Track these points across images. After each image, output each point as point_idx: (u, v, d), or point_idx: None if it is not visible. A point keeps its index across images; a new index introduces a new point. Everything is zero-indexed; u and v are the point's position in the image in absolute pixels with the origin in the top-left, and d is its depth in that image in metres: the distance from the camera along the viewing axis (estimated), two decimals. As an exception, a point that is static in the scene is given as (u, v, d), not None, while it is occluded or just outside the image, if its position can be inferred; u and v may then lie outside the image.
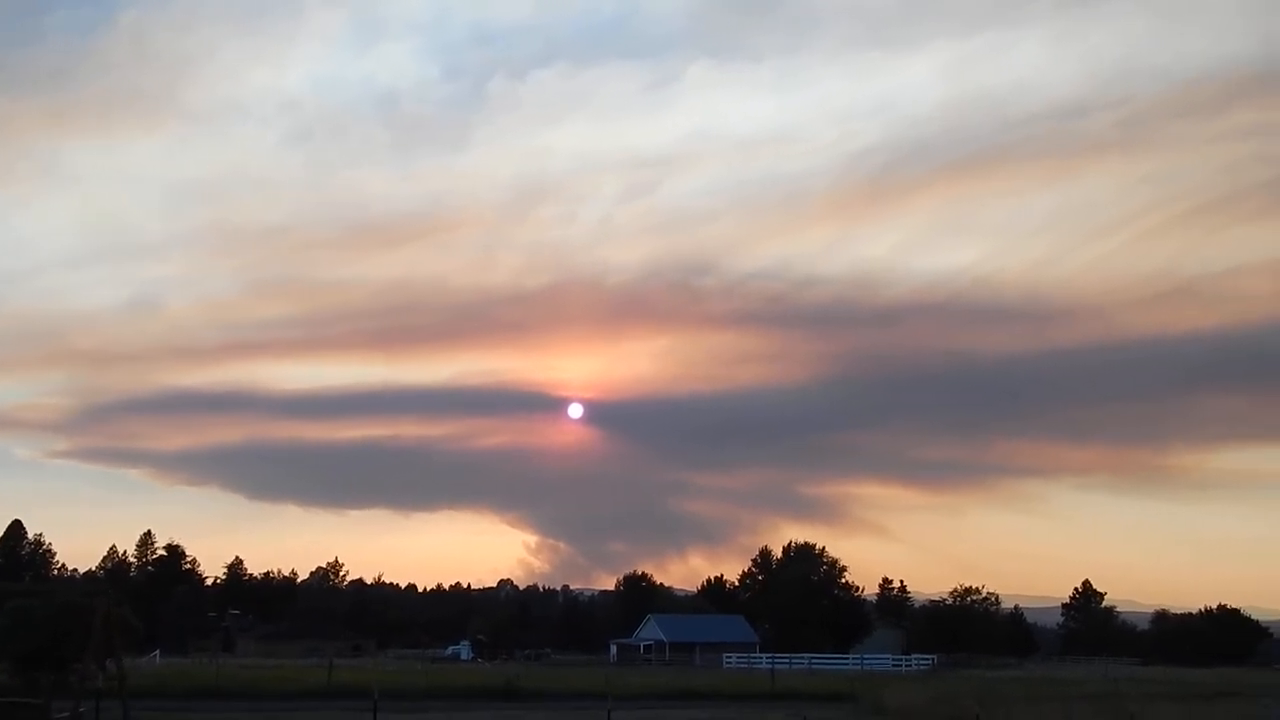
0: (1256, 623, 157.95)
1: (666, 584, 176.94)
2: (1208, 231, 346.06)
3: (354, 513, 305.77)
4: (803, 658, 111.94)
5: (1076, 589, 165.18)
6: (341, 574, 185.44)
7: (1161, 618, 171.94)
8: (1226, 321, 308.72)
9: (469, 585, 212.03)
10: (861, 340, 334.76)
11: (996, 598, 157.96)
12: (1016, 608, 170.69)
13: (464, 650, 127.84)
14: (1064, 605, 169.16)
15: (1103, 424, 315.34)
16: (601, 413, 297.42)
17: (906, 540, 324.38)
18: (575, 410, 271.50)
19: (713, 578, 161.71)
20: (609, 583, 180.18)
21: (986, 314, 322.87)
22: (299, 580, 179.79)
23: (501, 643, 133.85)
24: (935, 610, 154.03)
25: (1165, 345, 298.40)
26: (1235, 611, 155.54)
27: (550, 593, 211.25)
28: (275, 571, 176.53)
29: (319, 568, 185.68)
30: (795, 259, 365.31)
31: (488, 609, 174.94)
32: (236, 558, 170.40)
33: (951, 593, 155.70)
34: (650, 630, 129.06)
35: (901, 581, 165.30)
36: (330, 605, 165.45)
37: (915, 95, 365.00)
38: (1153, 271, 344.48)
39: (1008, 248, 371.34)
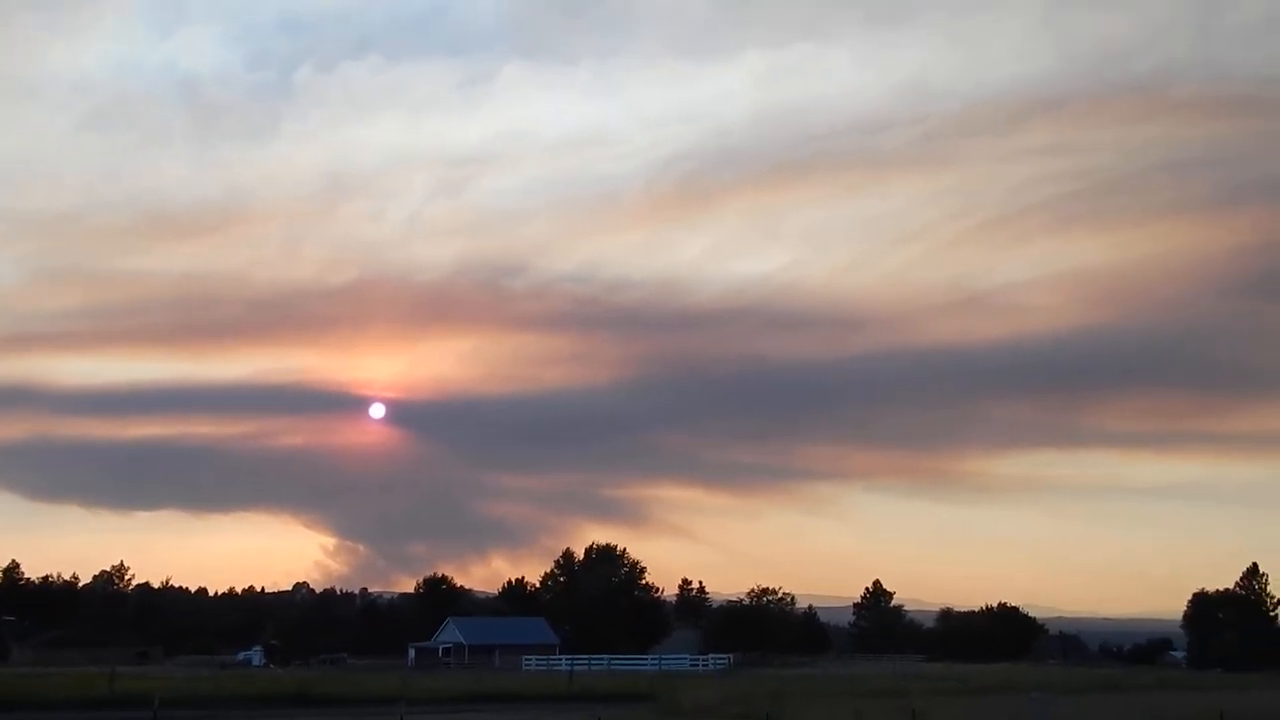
0: (1033, 620, 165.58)
1: (468, 586, 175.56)
2: (998, 246, 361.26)
3: (142, 514, 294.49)
4: (602, 658, 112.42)
5: (867, 589, 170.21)
6: (127, 578, 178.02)
7: (946, 616, 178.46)
8: (1013, 332, 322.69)
9: (263, 589, 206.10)
10: (668, 344, 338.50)
11: (792, 598, 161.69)
12: (810, 607, 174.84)
13: (255, 655, 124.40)
14: (855, 604, 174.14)
15: (896, 429, 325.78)
16: (405, 413, 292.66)
17: (706, 541, 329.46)
18: (377, 410, 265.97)
19: (514, 580, 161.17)
20: (409, 585, 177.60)
21: (789, 320, 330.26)
22: (81, 584, 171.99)
23: (296, 647, 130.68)
24: (733, 610, 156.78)
25: (956, 354, 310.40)
26: (1014, 609, 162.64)
27: (348, 596, 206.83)
28: (55, 575, 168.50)
29: (103, 571, 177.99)
30: (605, 262, 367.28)
31: (282, 613, 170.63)
32: (13, 561, 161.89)
33: (749, 593, 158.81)
34: (449, 633, 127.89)
35: (700, 582, 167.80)
36: (114, 610, 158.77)
37: (726, 103, 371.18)
38: (946, 282, 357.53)
39: (811, 256, 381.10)
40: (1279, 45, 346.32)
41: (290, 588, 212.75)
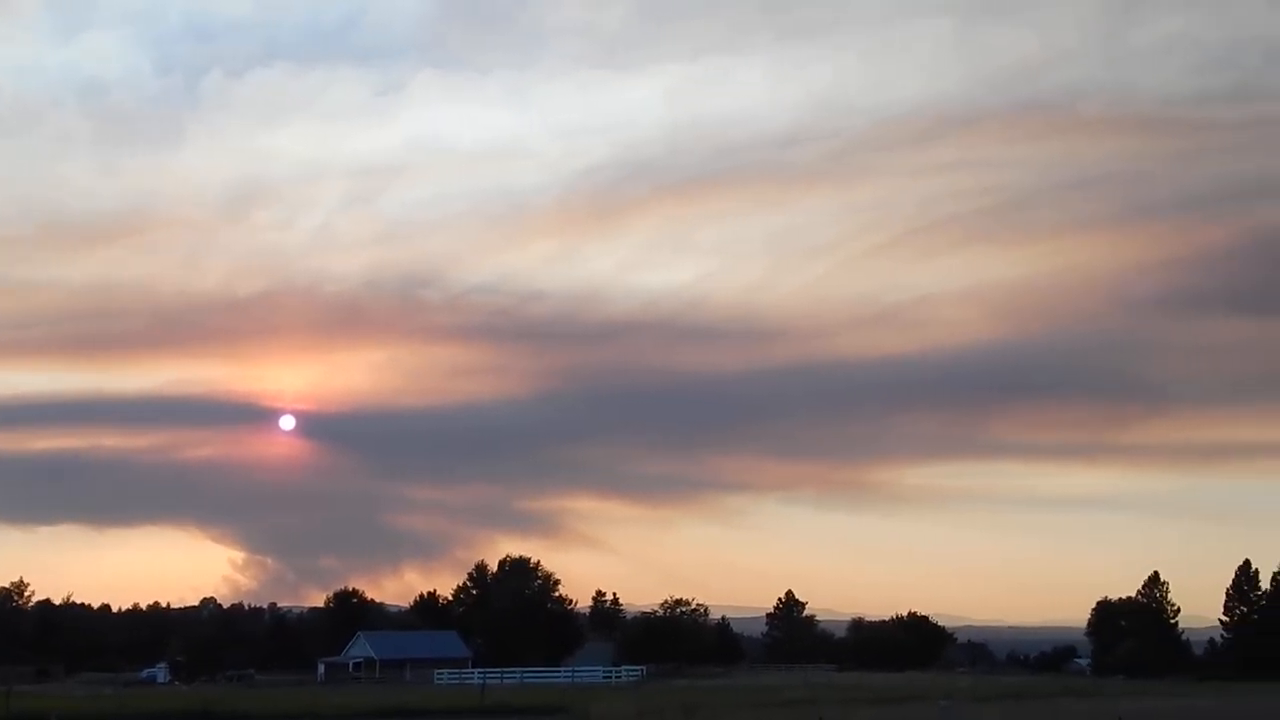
0: (942, 629, 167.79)
1: (380, 600, 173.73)
2: (909, 260, 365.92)
3: (43, 529, 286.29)
4: (515, 672, 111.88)
5: (780, 599, 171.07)
6: (26, 594, 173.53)
7: (858, 625, 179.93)
8: (923, 346, 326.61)
9: (168, 604, 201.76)
10: (582, 356, 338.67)
11: (705, 609, 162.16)
12: (723, 618, 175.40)
13: (160, 673, 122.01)
14: (768, 615, 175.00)
15: (807, 441, 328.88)
16: (316, 425, 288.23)
17: (621, 553, 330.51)
18: (287, 422, 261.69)
19: (426, 593, 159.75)
20: (319, 600, 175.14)
21: (702, 332, 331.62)
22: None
23: (202, 664, 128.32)
24: (646, 622, 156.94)
25: (868, 366, 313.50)
26: (924, 618, 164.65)
27: (256, 611, 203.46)
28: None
29: (1, 588, 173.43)
30: (518, 273, 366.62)
31: (188, 629, 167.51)
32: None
33: (662, 604, 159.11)
34: (360, 648, 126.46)
35: (614, 594, 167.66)
36: (13, 628, 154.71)
37: (640, 116, 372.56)
38: (857, 297, 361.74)
39: (724, 269, 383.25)
40: (1181, 67, 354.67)
41: (197, 603, 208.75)
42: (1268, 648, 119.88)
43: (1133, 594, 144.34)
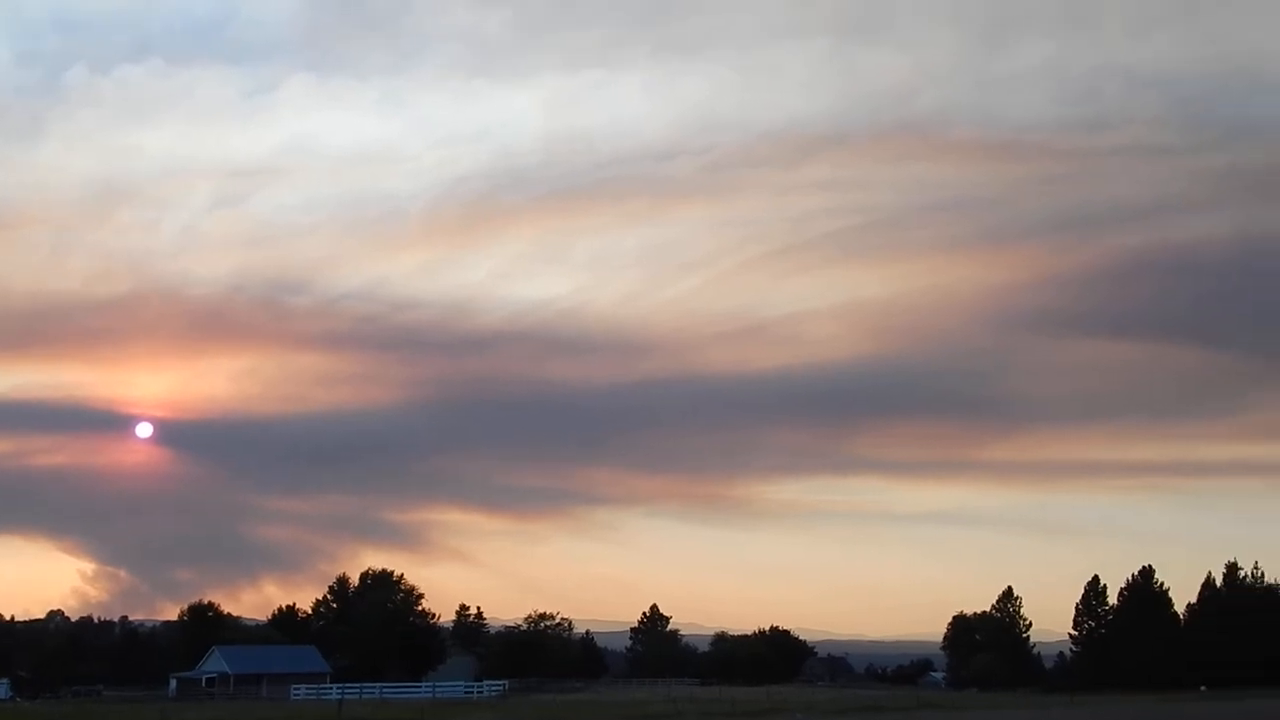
0: (803, 642, 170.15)
1: (237, 614, 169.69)
2: (777, 276, 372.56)
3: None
4: (374, 687, 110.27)
5: (645, 613, 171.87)
6: None
7: (721, 639, 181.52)
8: (791, 361, 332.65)
9: (13, 617, 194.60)
10: (452, 366, 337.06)
11: (570, 623, 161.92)
12: (588, 632, 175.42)
13: (2, 689, 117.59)
14: (632, 629, 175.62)
15: (676, 455, 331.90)
16: (174, 433, 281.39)
17: (487, 566, 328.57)
18: (144, 429, 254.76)
19: (285, 606, 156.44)
20: (173, 613, 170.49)
21: (574, 345, 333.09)
22: None
23: (48, 679, 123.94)
24: (510, 636, 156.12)
25: (735, 382, 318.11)
26: (785, 632, 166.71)
27: (107, 624, 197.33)
28: None
29: None
30: (390, 281, 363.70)
31: (33, 643, 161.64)
32: None
33: (526, 619, 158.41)
34: (215, 662, 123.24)
35: (478, 608, 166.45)
36: None
37: (517, 126, 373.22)
38: (727, 311, 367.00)
39: (597, 281, 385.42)
40: (1044, 95, 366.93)
41: (43, 616, 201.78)
42: (1114, 661, 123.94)
43: (987, 608, 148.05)
